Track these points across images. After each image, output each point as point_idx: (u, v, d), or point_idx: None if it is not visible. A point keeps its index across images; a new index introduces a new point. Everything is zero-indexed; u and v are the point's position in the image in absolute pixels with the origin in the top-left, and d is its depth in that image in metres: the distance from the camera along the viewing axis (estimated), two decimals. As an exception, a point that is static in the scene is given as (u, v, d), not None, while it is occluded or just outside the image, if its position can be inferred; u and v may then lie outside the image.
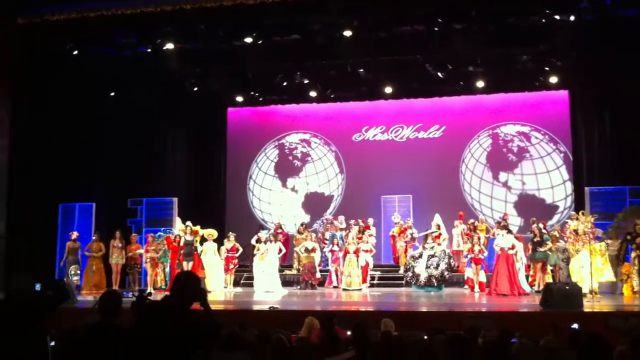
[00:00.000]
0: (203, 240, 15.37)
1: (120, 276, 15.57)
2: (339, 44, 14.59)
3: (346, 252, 15.25)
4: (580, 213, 13.39)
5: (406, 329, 7.72)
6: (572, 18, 13.29)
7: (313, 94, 17.97)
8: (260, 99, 18.94)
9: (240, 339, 6.17)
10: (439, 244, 14.74)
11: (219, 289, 15.16)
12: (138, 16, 13.55)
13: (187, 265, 14.53)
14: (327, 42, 14.72)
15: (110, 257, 15.54)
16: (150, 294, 13.03)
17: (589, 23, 13.56)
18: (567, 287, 10.82)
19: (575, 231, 12.88)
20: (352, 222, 16.40)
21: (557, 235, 14.04)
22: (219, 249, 15.51)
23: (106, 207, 16.84)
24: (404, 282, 15.29)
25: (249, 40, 14.62)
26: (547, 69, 15.87)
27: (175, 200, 16.83)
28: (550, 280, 13.37)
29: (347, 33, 14.13)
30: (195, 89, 17.35)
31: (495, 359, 4.84)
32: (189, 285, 3.99)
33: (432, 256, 14.44)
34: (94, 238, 15.66)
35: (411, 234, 16.09)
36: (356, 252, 15.11)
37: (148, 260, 15.20)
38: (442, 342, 5.44)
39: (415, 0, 13.19)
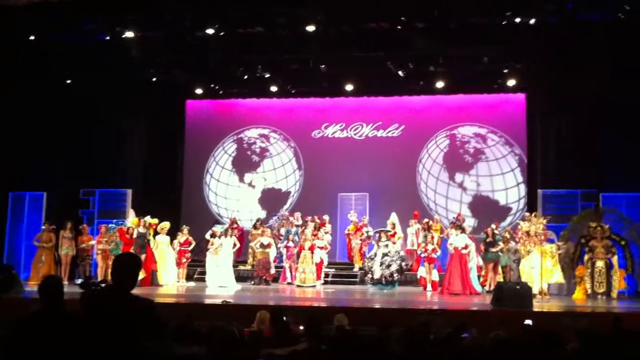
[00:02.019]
0: (156, 233, 15.16)
1: (69, 267, 15.24)
2: (302, 39, 14.52)
3: (301, 249, 15.21)
4: (532, 215, 13.61)
5: (359, 324, 7.72)
6: (532, 21, 13.47)
7: (274, 88, 17.85)
8: (220, 92, 18.72)
9: (194, 331, 6.07)
10: (394, 243, 14.81)
11: (171, 283, 14.96)
12: (98, 2, 13.25)
13: (140, 258, 14.31)
14: (290, 36, 14.63)
15: (60, 248, 15.22)
16: (105, 282, 12.81)
17: (549, 26, 13.76)
18: (518, 287, 10.99)
19: (527, 232, 13.08)
20: (308, 218, 16.36)
21: (509, 237, 14.26)
22: (172, 242, 15.31)
23: (57, 196, 16.46)
24: (358, 280, 15.32)
25: (211, 31, 14.43)
26: (505, 71, 16.06)
27: (129, 191, 16.59)
28: (502, 280, 13.56)
29: (311, 28, 14.07)
30: (155, 79, 17.06)
31: (447, 352, 4.85)
32: (126, 268, 3.91)
33: (386, 255, 14.48)
34: (43, 228, 15.32)
35: (366, 232, 16.13)
36: (311, 248, 15.08)
37: (99, 252, 14.93)
38: (395, 336, 5.44)
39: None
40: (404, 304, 12.08)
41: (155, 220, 15.14)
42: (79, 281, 13.39)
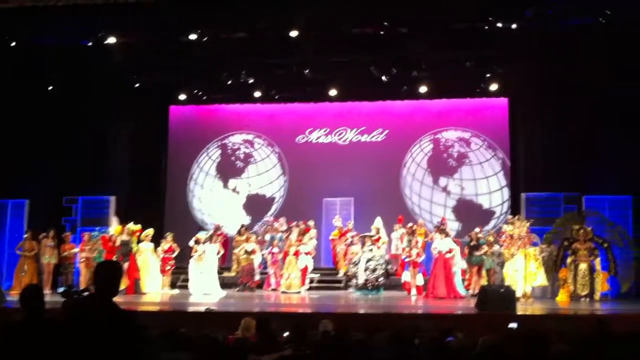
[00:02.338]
0: (140, 240, 15.05)
1: (52, 276, 15.07)
2: (286, 44, 14.51)
3: (286, 254, 15.17)
4: (516, 218, 13.67)
5: (345, 329, 7.70)
6: (514, 26, 13.57)
7: (257, 94, 17.82)
8: (204, 98, 18.66)
9: (181, 338, 6.03)
10: (378, 247, 14.81)
11: (155, 291, 14.85)
12: (80, 8, 13.16)
13: (124, 266, 14.23)
14: (273, 41, 14.62)
15: (42, 257, 15.03)
16: (87, 290, 12.67)
17: (531, 32, 13.87)
18: (502, 290, 11.04)
19: (511, 235, 13.15)
20: (293, 224, 16.33)
21: (493, 240, 14.32)
22: (155, 249, 15.21)
23: (40, 204, 16.30)
24: (343, 285, 15.30)
25: (193, 36, 14.39)
26: (488, 75, 16.16)
27: (113, 198, 16.47)
28: (486, 284, 13.61)
29: (294, 33, 14.08)
30: (137, 85, 16.97)
31: (433, 357, 4.86)
32: (108, 276, 3.88)
33: (370, 259, 14.47)
34: (25, 236, 15.14)
35: (351, 237, 16.13)
36: (296, 254, 15.04)
37: (83, 260, 14.79)
38: (380, 341, 5.44)
39: (362, 3, 13.22)
40: (389, 309, 12.09)
41: (139, 227, 15.02)
42: (61, 289, 13.23)
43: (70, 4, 12.85)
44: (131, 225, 14.92)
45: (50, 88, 16.28)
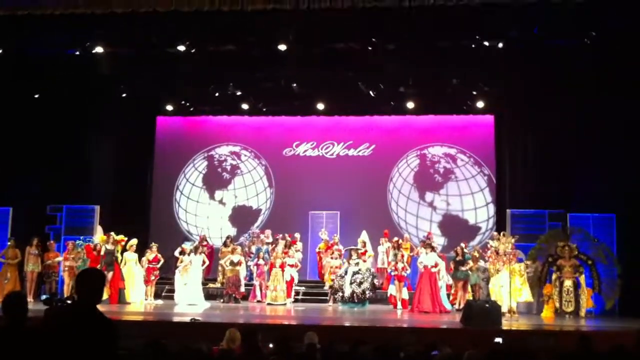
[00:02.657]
0: (124, 250, 14.97)
1: (35, 284, 14.92)
2: (274, 57, 14.57)
3: (272, 266, 15.14)
4: (501, 234, 13.74)
5: (330, 342, 7.68)
6: (500, 45, 13.72)
7: (245, 106, 17.86)
8: (191, 109, 18.68)
9: (164, 349, 5.99)
10: (364, 261, 14.82)
11: (139, 301, 14.75)
12: (68, 17, 13.12)
13: (108, 276, 14.17)
14: (261, 54, 14.67)
15: (26, 265, 14.88)
16: (71, 298, 12.56)
17: (517, 51, 14.05)
18: (487, 305, 11.07)
19: (496, 251, 13.21)
20: (279, 236, 16.31)
21: (478, 255, 14.39)
22: (140, 259, 15.13)
23: (24, 212, 16.16)
24: (329, 298, 15.28)
25: (182, 48, 14.42)
26: (474, 93, 16.31)
27: (97, 208, 16.35)
28: (471, 299, 13.64)
29: (282, 47, 14.15)
30: (124, 95, 16.95)
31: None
32: (89, 283, 3.85)
33: (357, 272, 14.48)
34: (9, 244, 14.98)
35: (335, 251, 16.13)
36: (282, 266, 15.02)
37: (66, 268, 14.69)
38: (365, 354, 5.44)
39: (350, 19, 13.31)
40: (375, 322, 12.06)
41: (123, 237, 14.94)
42: (44, 297, 13.10)
43: (58, 13, 12.79)
44: (114, 235, 14.83)
45: (36, 96, 16.21)
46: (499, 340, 8.16)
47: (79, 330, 3.64)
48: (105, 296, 14.24)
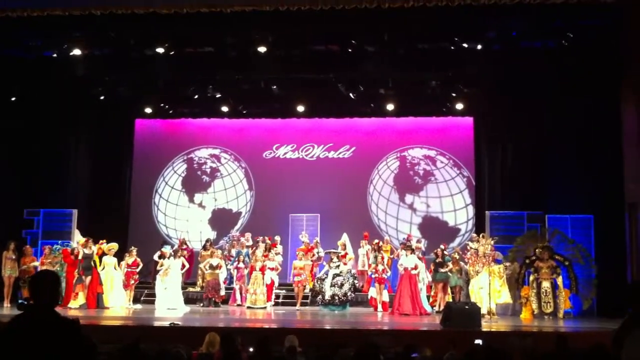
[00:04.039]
0: (103, 254, 14.81)
1: (12, 289, 14.71)
2: (253, 59, 14.52)
3: (252, 270, 15.08)
4: (480, 235, 13.81)
5: (310, 345, 7.67)
6: (479, 47, 13.80)
7: (225, 108, 17.78)
8: (170, 112, 18.56)
9: (141, 354, 5.93)
10: (345, 264, 14.82)
11: (118, 305, 14.61)
12: (45, 19, 12.99)
13: (86, 280, 14.06)
14: (240, 56, 14.61)
15: (3, 269, 14.65)
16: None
17: (496, 53, 14.14)
18: (467, 307, 11.12)
19: (476, 253, 13.26)
20: (259, 239, 16.25)
21: (458, 257, 14.45)
22: (119, 264, 14.98)
23: (0, 216, 15.94)
24: (309, 301, 15.25)
25: (160, 50, 14.31)
26: (454, 95, 16.38)
27: (75, 212, 16.19)
28: (451, 300, 13.69)
29: (262, 49, 14.11)
30: (102, 97, 16.79)
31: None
32: (43, 285, 3.81)
33: (337, 275, 14.49)
34: (-16, 249, 14.76)
35: (317, 253, 16.12)
36: (262, 269, 14.96)
37: (43, 273, 14.46)
38: (345, 357, 5.42)
39: (329, 20, 13.31)
40: (355, 325, 12.06)
41: (102, 244, 14.78)
42: (19, 302, 12.92)
43: (35, 15, 12.65)
44: (91, 242, 14.67)
45: (13, 99, 15.99)
46: (479, 342, 8.18)
47: (39, 333, 3.60)
48: (82, 301, 14.11)
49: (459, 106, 16.80)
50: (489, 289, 12.83)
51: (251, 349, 6.81)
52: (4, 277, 14.64)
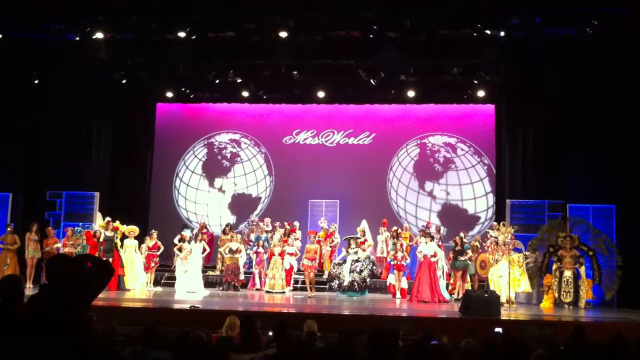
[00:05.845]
0: (124, 236, 14.97)
1: (35, 270, 14.93)
2: (274, 45, 14.49)
3: (271, 255, 15.15)
4: (501, 224, 13.73)
5: (329, 330, 7.71)
6: (502, 34, 13.66)
7: (245, 93, 17.81)
8: (191, 96, 18.63)
9: (161, 336, 6.00)
10: (364, 250, 14.83)
11: (139, 288, 14.78)
12: (67, 2, 13.06)
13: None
14: (261, 41, 14.59)
15: (26, 251, 14.89)
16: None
17: (519, 40, 13.98)
18: (486, 295, 11.08)
19: (496, 241, 13.20)
20: (277, 224, 16.31)
21: (478, 245, 14.39)
22: (139, 247, 15.13)
23: (24, 198, 16.16)
24: (327, 287, 15.30)
25: (182, 34, 14.34)
26: (475, 82, 16.26)
27: (97, 194, 16.36)
28: (470, 288, 13.65)
29: (283, 34, 14.07)
30: (124, 81, 16.87)
31: (416, 359, 4.87)
32: (61, 268, 3.85)
33: (356, 261, 14.52)
34: (8, 230, 14.97)
35: (336, 240, 16.16)
36: (281, 254, 15.02)
37: (65, 255, 14.65)
38: (363, 342, 5.44)
39: (351, 6, 13.24)
40: (373, 311, 12.09)
41: (117, 223, 14.91)
42: (41, 284, 13.13)
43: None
44: (111, 221, 14.83)
45: (36, 82, 16.14)
46: (499, 330, 8.17)
47: (49, 316, 3.64)
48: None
49: (480, 93, 16.68)
50: (508, 278, 12.78)
51: (270, 333, 6.85)
52: (27, 259, 14.86)
